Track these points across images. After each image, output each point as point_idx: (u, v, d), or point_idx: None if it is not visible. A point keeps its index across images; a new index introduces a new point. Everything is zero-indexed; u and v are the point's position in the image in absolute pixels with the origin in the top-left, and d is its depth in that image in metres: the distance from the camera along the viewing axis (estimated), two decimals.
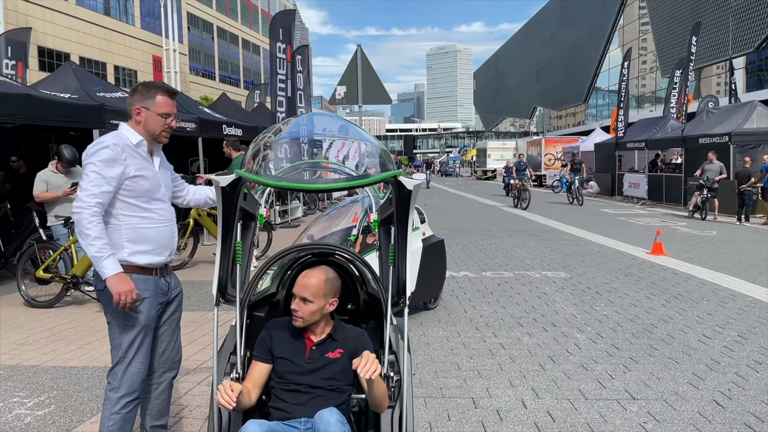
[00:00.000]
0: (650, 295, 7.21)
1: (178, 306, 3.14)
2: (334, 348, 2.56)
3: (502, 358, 5.01)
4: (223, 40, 72.54)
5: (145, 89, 2.93)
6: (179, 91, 3.10)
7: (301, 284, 2.55)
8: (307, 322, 2.53)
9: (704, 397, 4.12)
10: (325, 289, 2.54)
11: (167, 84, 2.94)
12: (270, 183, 2.38)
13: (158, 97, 2.90)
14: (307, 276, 2.56)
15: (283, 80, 14.25)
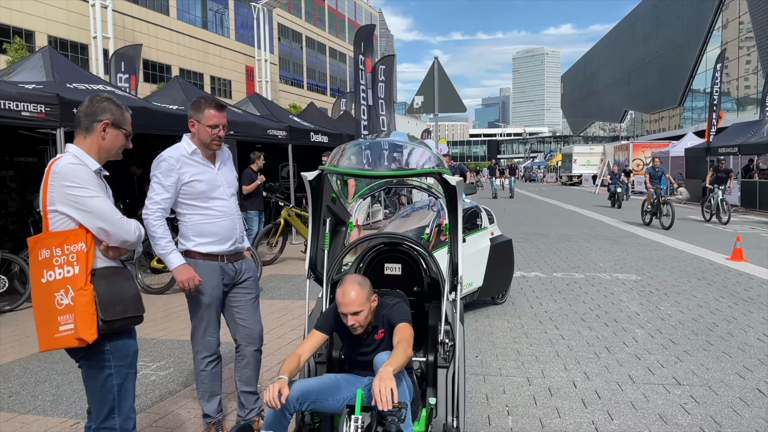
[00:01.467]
0: (719, 298, 7.34)
1: (250, 288, 3.63)
2: (378, 330, 3.09)
3: (560, 346, 5.44)
4: (311, 49, 75.06)
5: (197, 104, 3.48)
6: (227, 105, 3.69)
7: (345, 303, 2.88)
8: (365, 327, 2.98)
9: (748, 386, 4.41)
10: (364, 295, 2.94)
11: (218, 99, 3.53)
12: (340, 171, 3.02)
13: (207, 111, 3.42)
14: (345, 293, 2.89)
15: (365, 90, 15.05)
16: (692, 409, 4.02)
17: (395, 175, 3.07)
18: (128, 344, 2.54)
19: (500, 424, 3.83)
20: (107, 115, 2.58)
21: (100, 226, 2.44)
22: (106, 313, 2.36)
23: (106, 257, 2.49)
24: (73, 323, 2.33)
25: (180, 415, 4.01)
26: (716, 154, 24.37)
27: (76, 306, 2.33)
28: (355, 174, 3.04)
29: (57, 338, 2.36)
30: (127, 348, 2.53)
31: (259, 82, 54.75)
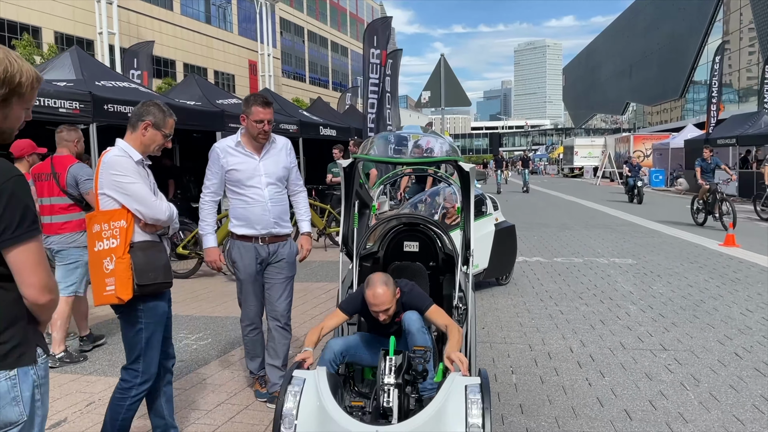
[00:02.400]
0: (708, 279, 7.87)
1: (282, 269, 4.03)
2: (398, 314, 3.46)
3: (559, 320, 5.98)
4: (313, 43, 75.35)
5: (246, 101, 3.92)
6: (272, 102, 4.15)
7: (376, 303, 3.16)
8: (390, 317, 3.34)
9: (726, 351, 4.95)
10: (391, 293, 3.26)
11: (265, 96, 4.00)
12: (372, 158, 3.56)
13: (254, 107, 3.83)
14: (375, 295, 3.17)
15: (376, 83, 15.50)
16: (675, 369, 4.56)
17: (418, 162, 3.60)
18: (159, 305, 3.07)
19: (505, 380, 4.38)
20: (150, 117, 3.10)
21: (137, 207, 3.00)
22: (140, 278, 2.92)
23: (145, 232, 3.04)
24: (114, 285, 2.89)
25: (225, 374, 4.56)
26: (715, 145, 24.83)
27: (116, 271, 2.90)
28: (385, 161, 3.57)
29: (104, 296, 2.94)
30: (157, 309, 3.06)
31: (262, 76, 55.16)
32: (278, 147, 4.05)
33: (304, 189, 4.29)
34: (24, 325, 1.76)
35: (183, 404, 4.01)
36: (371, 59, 15.59)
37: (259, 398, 4.08)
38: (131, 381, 3.05)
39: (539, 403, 3.99)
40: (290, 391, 2.61)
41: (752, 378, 4.37)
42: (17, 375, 1.72)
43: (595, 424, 3.67)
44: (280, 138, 4.10)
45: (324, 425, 2.50)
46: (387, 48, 15.72)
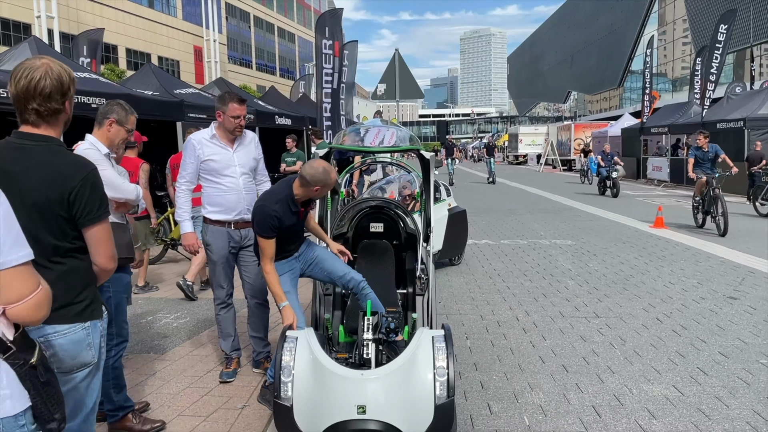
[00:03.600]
0: (638, 257, 8.72)
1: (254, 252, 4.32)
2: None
3: (506, 294, 6.65)
4: (260, 29, 74.46)
5: (223, 98, 4.33)
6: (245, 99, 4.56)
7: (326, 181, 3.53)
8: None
9: (650, 317, 5.70)
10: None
11: (239, 94, 4.43)
12: (346, 147, 4.06)
13: (231, 104, 4.25)
14: (323, 171, 3.50)
15: (330, 74, 15.87)
16: (605, 332, 5.27)
17: (387, 150, 4.12)
18: (123, 277, 3.51)
19: (461, 345, 4.98)
20: (114, 115, 3.49)
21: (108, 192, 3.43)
22: None
23: (114, 214, 3.41)
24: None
25: (205, 349, 5.00)
26: (649, 134, 26.36)
27: None
28: (357, 149, 4.07)
29: None
30: (122, 279, 3.50)
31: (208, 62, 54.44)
32: (248, 140, 4.47)
33: (268, 179, 4.74)
34: (94, 288, 2.21)
35: (169, 376, 4.44)
36: (324, 50, 15.95)
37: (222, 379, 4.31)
38: (108, 344, 3.48)
39: (490, 361, 4.61)
40: (286, 348, 3.10)
41: (670, 338, 5.11)
42: (90, 326, 2.18)
43: (537, 377, 4.30)
44: (248, 132, 4.51)
45: (317, 372, 3.01)
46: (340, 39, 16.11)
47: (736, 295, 6.45)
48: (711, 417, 3.64)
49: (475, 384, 4.19)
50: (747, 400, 3.85)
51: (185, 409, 3.83)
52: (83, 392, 2.22)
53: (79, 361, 2.16)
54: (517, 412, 3.74)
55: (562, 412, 3.73)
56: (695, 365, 4.48)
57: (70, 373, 2.16)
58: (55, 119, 2.17)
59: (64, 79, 2.15)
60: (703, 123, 21.25)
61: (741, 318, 5.63)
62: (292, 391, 2.97)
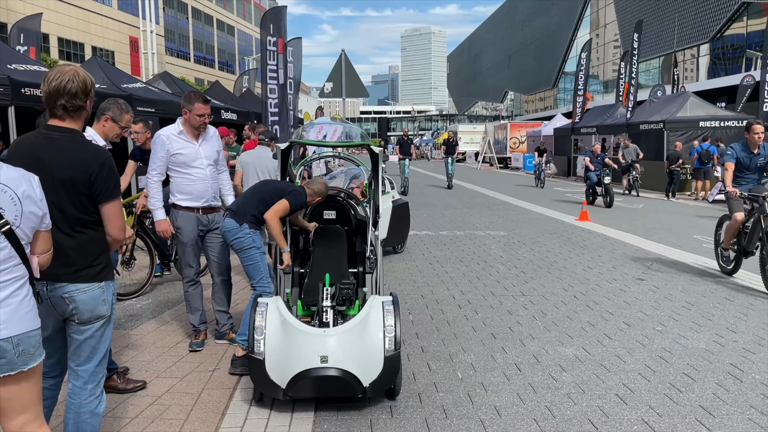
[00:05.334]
0: (563, 245, 9.61)
1: (219, 235, 4.82)
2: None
3: (444, 277, 7.35)
4: (198, 21, 73.21)
5: (189, 98, 4.83)
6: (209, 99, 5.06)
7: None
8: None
9: (568, 295, 6.51)
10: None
11: (204, 95, 4.94)
12: (305, 142, 4.62)
13: (197, 104, 4.78)
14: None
15: (274, 70, 16.23)
16: (529, 307, 6.02)
17: (341, 144, 4.69)
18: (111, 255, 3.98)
19: (404, 319, 5.62)
20: (110, 113, 3.97)
21: None
22: None
23: None
24: None
25: (171, 326, 5.45)
26: (579, 134, 27.88)
27: None
28: (316, 143, 4.63)
29: None
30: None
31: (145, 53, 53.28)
32: (210, 134, 4.98)
33: (227, 170, 5.26)
34: (108, 254, 2.71)
35: (142, 347, 4.89)
36: (268, 46, 16.32)
37: (191, 348, 4.81)
38: None
39: (429, 331, 5.27)
40: (258, 311, 3.64)
41: (583, 311, 5.91)
42: (105, 285, 2.67)
43: (469, 342, 4.99)
44: (210, 127, 5.02)
45: (286, 331, 3.57)
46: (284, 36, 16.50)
47: (644, 277, 7.35)
48: (610, 370, 4.39)
49: (417, 349, 4.83)
50: (641, 357, 4.64)
51: (162, 372, 4.30)
52: (98, 340, 2.70)
53: (96, 314, 2.65)
54: (451, 369, 4.39)
55: (489, 368, 4.41)
56: (602, 332, 5.27)
57: (88, 323, 2.65)
58: (78, 114, 2.66)
59: (88, 82, 2.64)
60: (627, 124, 22.77)
61: (645, 295, 6.50)
62: (265, 347, 3.53)
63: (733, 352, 4.72)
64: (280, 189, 4.46)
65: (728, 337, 5.09)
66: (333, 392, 3.53)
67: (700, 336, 5.12)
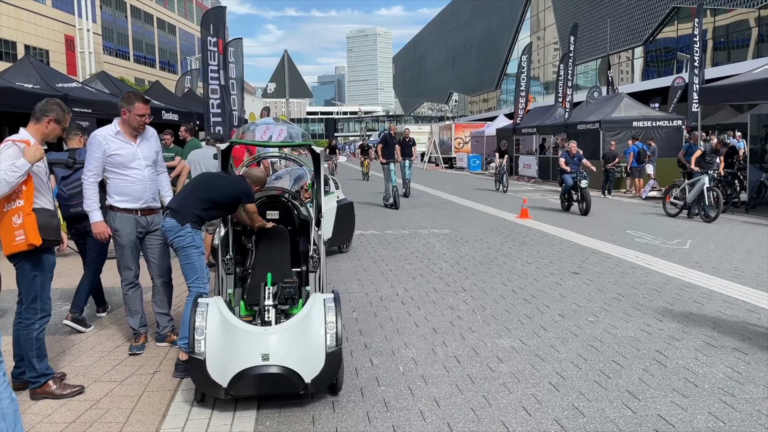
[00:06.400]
0: (503, 242, 9.88)
1: (159, 236, 4.85)
2: None
3: (388, 275, 7.46)
4: (137, 19, 71.38)
5: (128, 98, 4.79)
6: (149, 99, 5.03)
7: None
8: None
9: (507, 289, 6.72)
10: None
11: (144, 95, 4.90)
12: (245, 142, 4.62)
13: (137, 104, 4.74)
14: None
15: (215, 70, 16.02)
16: (469, 302, 6.20)
17: (282, 144, 4.73)
18: (50, 257, 3.95)
19: (348, 317, 5.69)
20: (53, 114, 3.93)
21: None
22: (42, 234, 3.75)
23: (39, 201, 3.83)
24: (24, 235, 3.69)
25: (109, 330, 5.35)
26: (521, 134, 28.58)
27: (25, 224, 3.68)
28: (257, 144, 4.65)
29: (14, 245, 3.71)
30: (48, 260, 3.94)
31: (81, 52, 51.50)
32: (149, 135, 4.93)
33: (165, 170, 5.22)
34: None
35: (80, 352, 4.79)
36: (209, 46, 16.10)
37: (131, 351, 4.75)
38: (32, 318, 3.87)
39: (373, 328, 5.36)
40: (199, 311, 3.64)
41: (521, 305, 6.11)
42: None
43: (411, 337, 5.10)
44: (149, 127, 4.97)
45: (226, 330, 3.59)
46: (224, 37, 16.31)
47: (579, 271, 7.65)
48: (545, 360, 4.58)
49: (360, 345, 4.91)
50: (574, 347, 4.86)
51: (100, 376, 4.24)
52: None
53: None
54: (393, 364, 4.49)
55: (430, 361, 4.53)
56: (538, 324, 5.47)
57: None
58: None
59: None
60: (566, 124, 23.49)
61: (580, 288, 6.78)
62: (205, 347, 3.53)
63: (659, 340, 4.99)
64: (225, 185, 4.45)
65: (655, 325, 5.38)
66: (275, 389, 3.57)
67: (629, 325, 5.39)
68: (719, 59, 36.28)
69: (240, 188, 4.39)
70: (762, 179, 14.42)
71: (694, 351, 4.71)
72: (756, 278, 7.11)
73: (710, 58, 36.57)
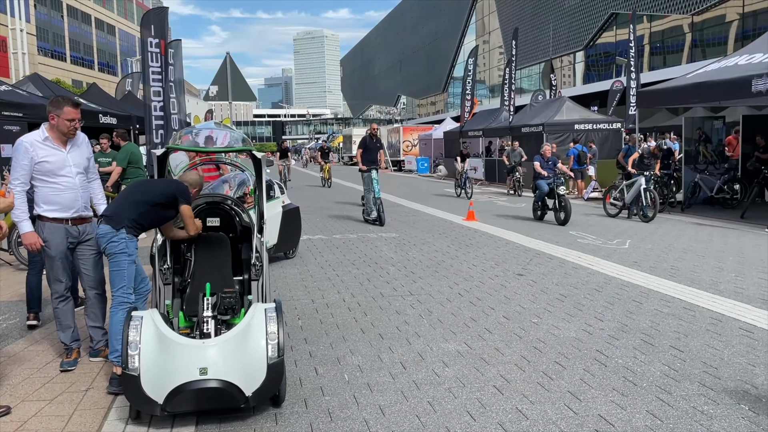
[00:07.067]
0: (450, 245, 9.94)
1: (92, 245, 4.66)
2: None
3: (335, 280, 7.39)
4: (74, 19, 69.02)
5: (57, 102, 4.58)
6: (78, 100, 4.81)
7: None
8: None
9: (454, 292, 6.74)
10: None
11: (74, 98, 4.68)
12: (183, 148, 4.48)
13: (66, 108, 4.53)
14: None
15: (158, 72, 15.59)
16: (417, 307, 6.19)
17: (222, 150, 4.60)
18: None
19: (293, 324, 5.59)
20: None
21: None
22: None
23: None
24: None
25: (40, 345, 5.09)
26: (467, 137, 28.93)
27: None
28: (195, 150, 4.51)
29: None
30: None
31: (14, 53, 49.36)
32: (80, 140, 4.72)
33: (98, 177, 5.02)
34: None
35: (6, 370, 4.54)
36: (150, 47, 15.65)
37: (63, 368, 4.52)
38: None
39: (318, 335, 5.28)
40: (132, 325, 3.49)
41: (467, 308, 6.14)
42: None
43: (357, 344, 5.05)
44: (79, 132, 4.75)
45: (162, 344, 3.45)
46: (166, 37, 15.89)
47: (524, 272, 7.76)
48: (489, 363, 4.61)
49: (305, 354, 4.82)
50: (518, 349, 4.90)
51: (28, 395, 4.02)
52: None
53: None
54: (339, 372, 4.43)
55: (376, 369, 4.49)
56: (483, 327, 5.51)
57: None
58: None
59: None
60: (510, 127, 23.91)
61: (524, 290, 6.87)
62: (140, 362, 3.39)
63: (600, 339, 5.10)
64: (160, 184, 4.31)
65: (596, 325, 5.49)
66: (214, 404, 3.45)
67: (571, 326, 5.48)
68: (656, 63, 37.66)
69: (176, 187, 4.26)
70: (696, 180, 15.03)
71: (633, 350, 4.82)
72: (691, 276, 7.36)
73: (647, 63, 37.93)
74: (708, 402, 3.83)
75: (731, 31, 31.76)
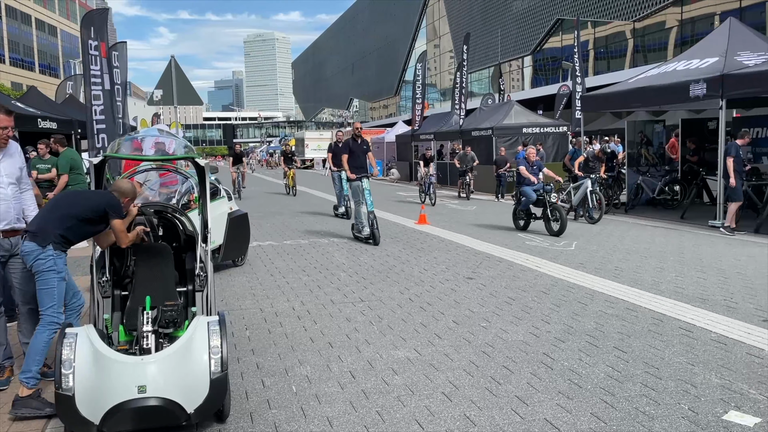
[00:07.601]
0: (402, 249, 9.95)
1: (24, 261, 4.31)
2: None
3: (285, 288, 7.28)
4: (13, 20, 66.53)
5: None
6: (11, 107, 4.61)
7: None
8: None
9: (404, 297, 6.74)
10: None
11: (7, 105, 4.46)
12: (121, 156, 4.33)
13: None
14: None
15: (98, 75, 15.10)
16: (366, 313, 6.15)
17: (163, 158, 4.46)
18: None
19: (241, 335, 5.48)
20: None
21: None
22: None
23: None
24: None
25: None
26: (419, 140, 29.11)
27: None
28: (133, 158, 4.36)
29: None
30: None
31: None
32: (12, 150, 4.53)
33: (30, 188, 4.82)
34: None
35: None
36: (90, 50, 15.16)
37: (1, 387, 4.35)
38: None
39: (266, 346, 5.18)
40: (66, 344, 3.34)
41: (417, 313, 6.14)
42: None
43: (306, 354, 4.98)
44: (12, 141, 4.55)
45: (98, 362, 3.31)
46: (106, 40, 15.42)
47: (473, 276, 7.83)
48: (438, 369, 4.61)
49: (252, 365, 4.72)
50: (467, 354, 4.92)
51: None
52: None
53: None
54: (286, 384, 4.35)
55: (324, 379, 4.43)
56: (433, 332, 5.51)
57: None
58: None
59: None
60: (461, 131, 24.17)
61: (473, 293, 6.92)
62: (74, 381, 3.24)
63: (546, 342, 5.17)
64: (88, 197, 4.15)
65: (543, 328, 5.57)
66: (153, 423, 3.33)
67: (518, 329, 5.54)
68: (600, 68, 38.71)
69: (105, 200, 4.09)
70: (639, 181, 15.50)
71: (578, 352, 4.90)
72: (634, 277, 7.57)
73: (592, 67, 38.96)
74: (650, 402, 3.92)
75: (671, 37, 32.94)
